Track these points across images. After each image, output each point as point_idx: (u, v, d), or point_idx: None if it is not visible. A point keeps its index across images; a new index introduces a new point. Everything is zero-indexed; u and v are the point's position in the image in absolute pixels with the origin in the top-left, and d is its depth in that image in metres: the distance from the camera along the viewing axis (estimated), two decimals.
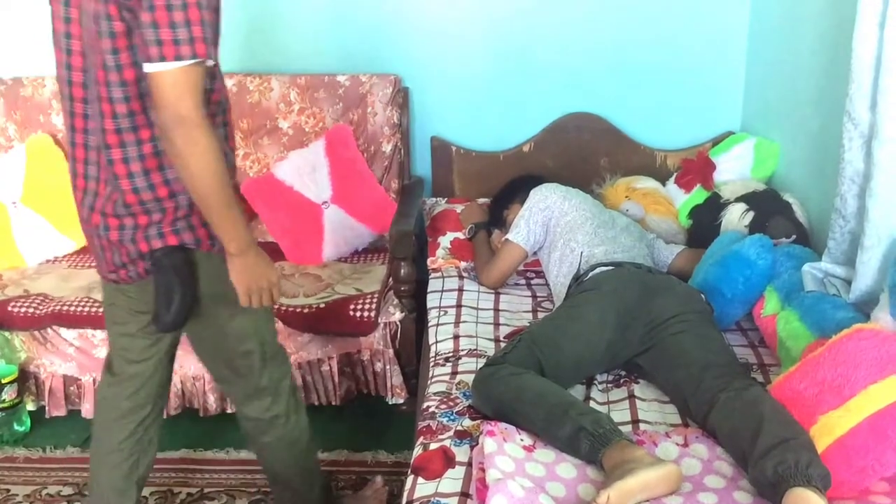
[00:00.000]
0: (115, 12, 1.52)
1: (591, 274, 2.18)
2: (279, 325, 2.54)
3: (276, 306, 2.38)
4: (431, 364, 2.18)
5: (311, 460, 2.11)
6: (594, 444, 1.61)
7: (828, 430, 1.55)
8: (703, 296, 2.14)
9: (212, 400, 2.66)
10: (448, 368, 2.12)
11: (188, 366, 2.63)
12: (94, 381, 2.67)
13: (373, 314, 2.56)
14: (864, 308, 1.89)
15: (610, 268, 2.18)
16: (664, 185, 2.95)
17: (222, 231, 1.65)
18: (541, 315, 2.43)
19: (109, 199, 1.68)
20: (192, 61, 1.50)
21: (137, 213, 1.67)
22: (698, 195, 2.81)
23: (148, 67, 1.50)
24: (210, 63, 1.55)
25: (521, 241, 2.52)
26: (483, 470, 1.56)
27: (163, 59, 1.48)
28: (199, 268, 1.74)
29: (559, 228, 2.47)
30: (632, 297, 2.05)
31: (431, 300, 2.56)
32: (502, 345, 2.22)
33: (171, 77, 1.50)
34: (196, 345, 1.92)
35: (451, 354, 2.19)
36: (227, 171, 1.61)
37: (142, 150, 1.63)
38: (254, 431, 2.01)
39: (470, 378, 1.99)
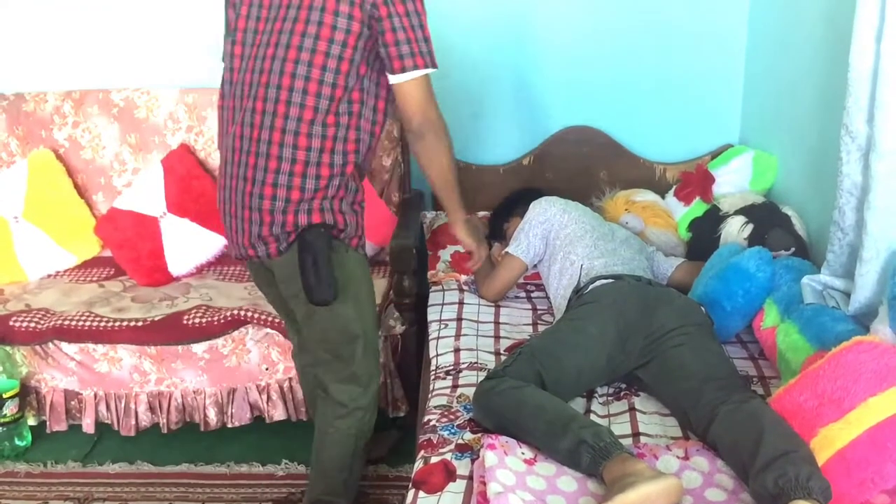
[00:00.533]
0: (358, 15, 1.84)
1: (591, 287, 2.19)
2: (280, 338, 2.55)
3: (278, 322, 2.41)
4: (432, 377, 2.18)
5: (357, 466, 2.20)
6: (595, 458, 1.61)
7: (828, 442, 1.55)
8: (702, 308, 2.14)
9: (212, 414, 2.66)
10: (449, 382, 2.12)
11: (189, 380, 2.63)
12: (94, 395, 2.67)
13: None
14: (864, 320, 1.89)
15: (610, 280, 2.19)
16: (663, 197, 2.96)
17: (455, 204, 2.15)
18: (541, 328, 2.43)
19: (266, 170, 1.90)
20: (433, 70, 1.90)
21: (294, 188, 1.90)
22: (697, 208, 2.81)
23: (398, 78, 1.88)
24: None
25: (521, 254, 2.53)
26: (484, 483, 1.56)
27: (416, 67, 1.87)
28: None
29: (558, 241, 2.47)
30: (632, 309, 2.06)
31: (432, 313, 2.56)
32: (503, 358, 2.22)
33: (419, 85, 1.90)
34: (307, 325, 2.06)
35: (451, 367, 2.20)
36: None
37: (326, 132, 1.89)
38: (332, 415, 2.12)
39: (471, 391, 1.99)
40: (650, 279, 2.28)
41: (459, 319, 2.49)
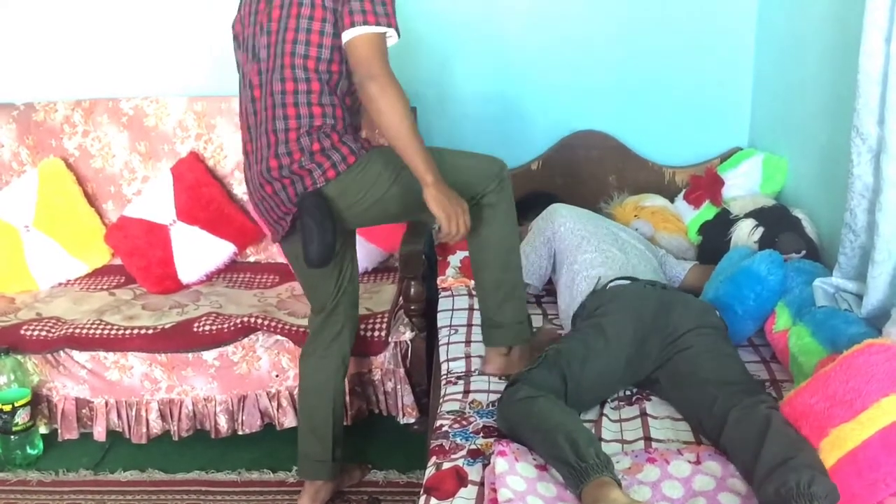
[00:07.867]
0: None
1: (609, 285, 2.18)
2: (290, 345, 2.55)
3: (289, 329, 2.41)
4: (443, 382, 2.18)
5: (334, 404, 2.32)
6: (575, 478, 1.58)
7: (840, 442, 1.54)
8: (717, 311, 2.13)
9: (223, 421, 2.66)
10: (460, 387, 2.12)
11: (199, 387, 2.64)
12: (105, 403, 2.68)
13: (383, 334, 2.56)
14: (877, 323, 1.88)
15: (626, 281, 2.18)
16: (672, 201, 2.95)
17: (418, 166, 1.90)
18: None
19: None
20: (388, 30, 1.90)
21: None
22: (707, 211, 2.81)
23: (347, 34, 1.89)
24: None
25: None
26: (495, 490, 1.56)
27: (366, 23, 1.87)
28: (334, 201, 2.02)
29: (558, 255, 2.45)
30: (648, 311, 2.04)
31: (442, 319, 2.56)
32: None
33: (367, 41, 1.88)
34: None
35: (463, 373, 2.19)
36: (412, 116, 1.93)
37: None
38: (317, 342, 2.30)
39: (483, 397, 1.99)
40: (664, 283, 2.27)
41: (469, 325, 2.48)
